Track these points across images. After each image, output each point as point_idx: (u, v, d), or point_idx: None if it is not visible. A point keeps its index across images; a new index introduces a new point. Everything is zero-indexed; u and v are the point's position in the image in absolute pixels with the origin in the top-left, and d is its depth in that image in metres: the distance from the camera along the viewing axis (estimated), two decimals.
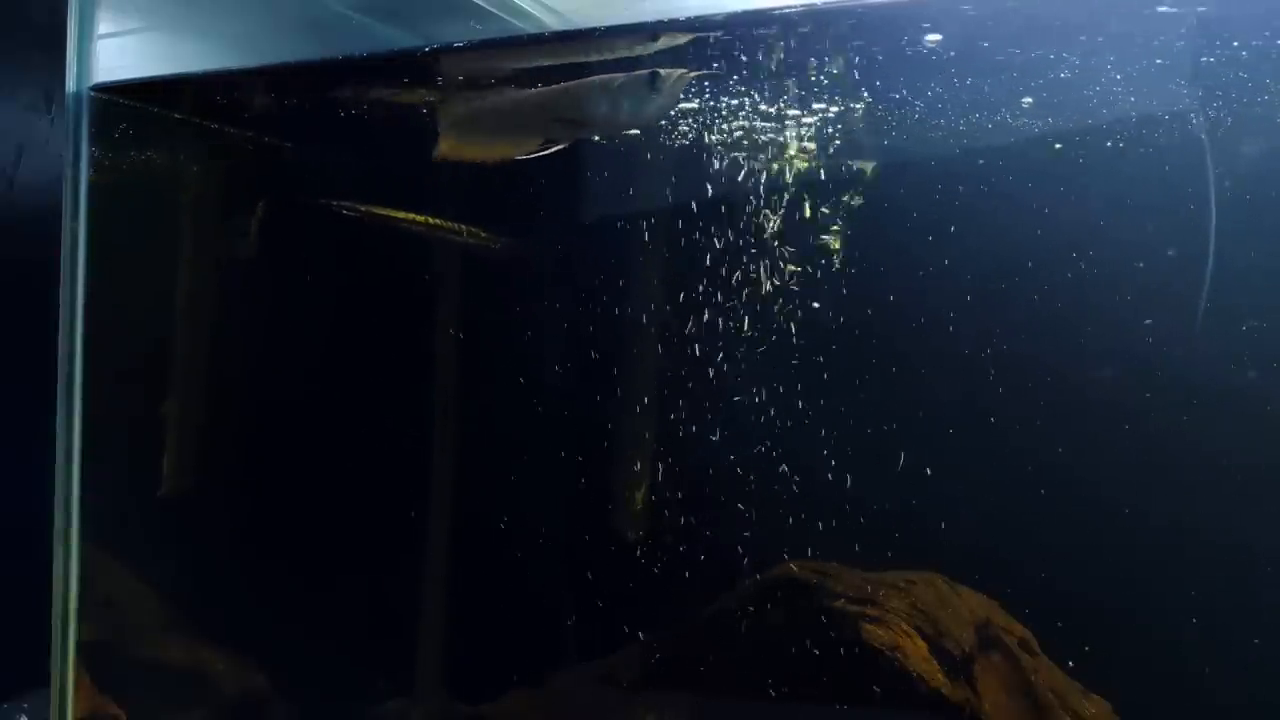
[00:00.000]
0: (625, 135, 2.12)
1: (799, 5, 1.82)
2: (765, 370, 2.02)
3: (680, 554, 2.11)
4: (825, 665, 1.99)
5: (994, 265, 1.88)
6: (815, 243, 2.00)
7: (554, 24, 2.36)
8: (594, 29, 2.05)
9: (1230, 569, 1.75)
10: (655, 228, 2.17)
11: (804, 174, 2.01)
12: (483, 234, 2.42)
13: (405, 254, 2.45)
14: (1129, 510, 1.80)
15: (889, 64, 1.89)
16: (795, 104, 1.98)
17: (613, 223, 2.23)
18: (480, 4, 2.32)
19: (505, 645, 2.30)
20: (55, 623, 2.37)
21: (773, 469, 2.00)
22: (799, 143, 1.99)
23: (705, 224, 2.06)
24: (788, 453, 2.00)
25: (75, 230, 2.36)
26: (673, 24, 1.87)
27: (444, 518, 2.39)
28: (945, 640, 1.97)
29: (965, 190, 1.90)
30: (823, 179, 2.00)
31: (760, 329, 2.03)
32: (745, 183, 2.03)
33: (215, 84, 2.45)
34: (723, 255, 2.05)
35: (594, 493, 2.24)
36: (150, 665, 2.57)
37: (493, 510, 2.31)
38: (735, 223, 2.05)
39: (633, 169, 2.17)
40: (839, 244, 1.99)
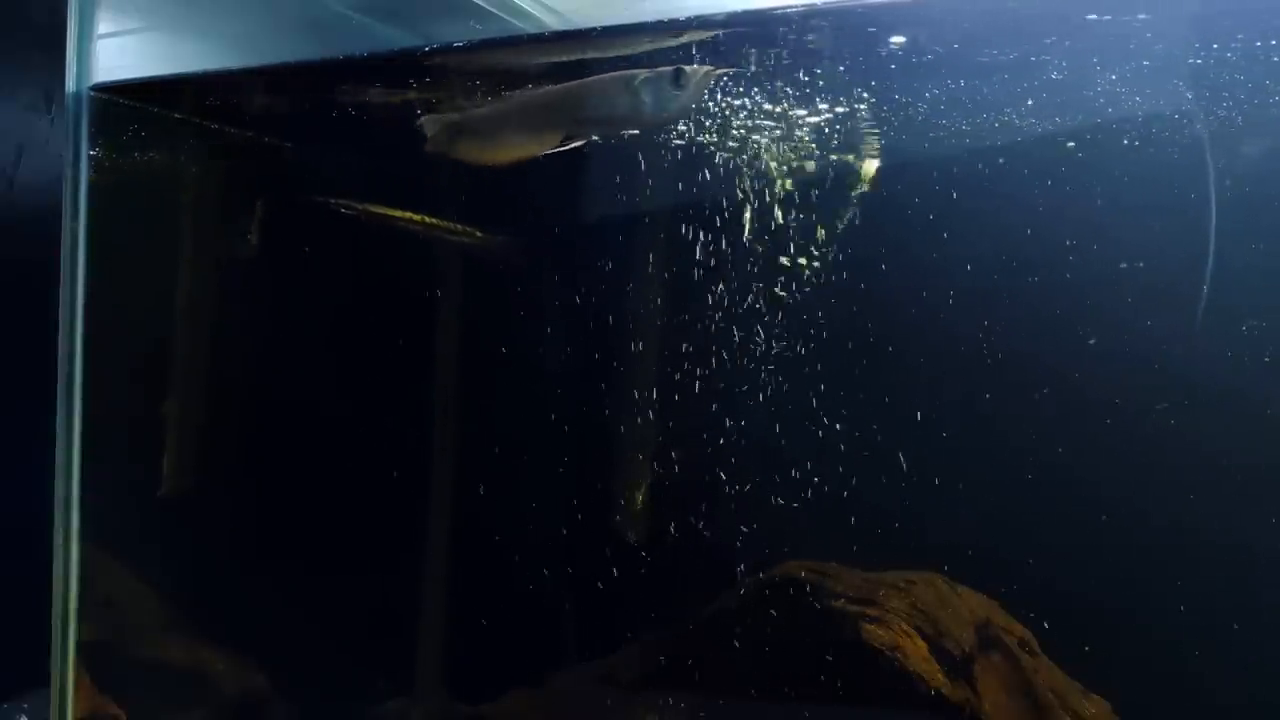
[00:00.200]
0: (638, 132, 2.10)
1: (799, 5, 1.82)
2: (765, 370, 2.02)
3: (680, 554, 2.11)
4: (825, 665, 1.99)
5: (998, 264, 1.88)
6: (819, 241, 2.00)
7: (554, 24, 2.36)
8: (593, 29, 2.05)
9: (1230, 569, 1.75)
10: (658, 227, 2.17)
11: (823, 172, 2.01)
12: (483, 234, 2.42)
13: (405, 254, 2.45)
14: (1129, 510, 1.80)
15: (907, 61, 1.88)
16: (824, 101, 1.96)
17: (613, 222, 2.23)
18: (480, 4, 2.32)
19: (505, 645, 2.30)
20: (55, 623, 2.37)
21: (773, 469, 2.00)
22: (831, 139, 1.98)
23: (706, 224, 2.06)
24: (788, 453, 2.00)
25: (75, 230, 2.36)
26: (673, 24, 1.87)
27: (444, 517, 2.38)
28: (945, 640, 1.97)
29: (975, 190, 1.90)
30: (840, 177, 2.00)
31: (761, 329, 2.02)
32: (764, 182, 2.03)
33: (215, 84, 2.45)
34: (724, 258, 2.05)
35: (594, 493, 2.24)
36: (150, 665, 2.57)
37: (492, 510, 2.31)
38: (737, 223, 2.05)
39: (637, 166, 2.17)
40: (843, 243, 1.99)
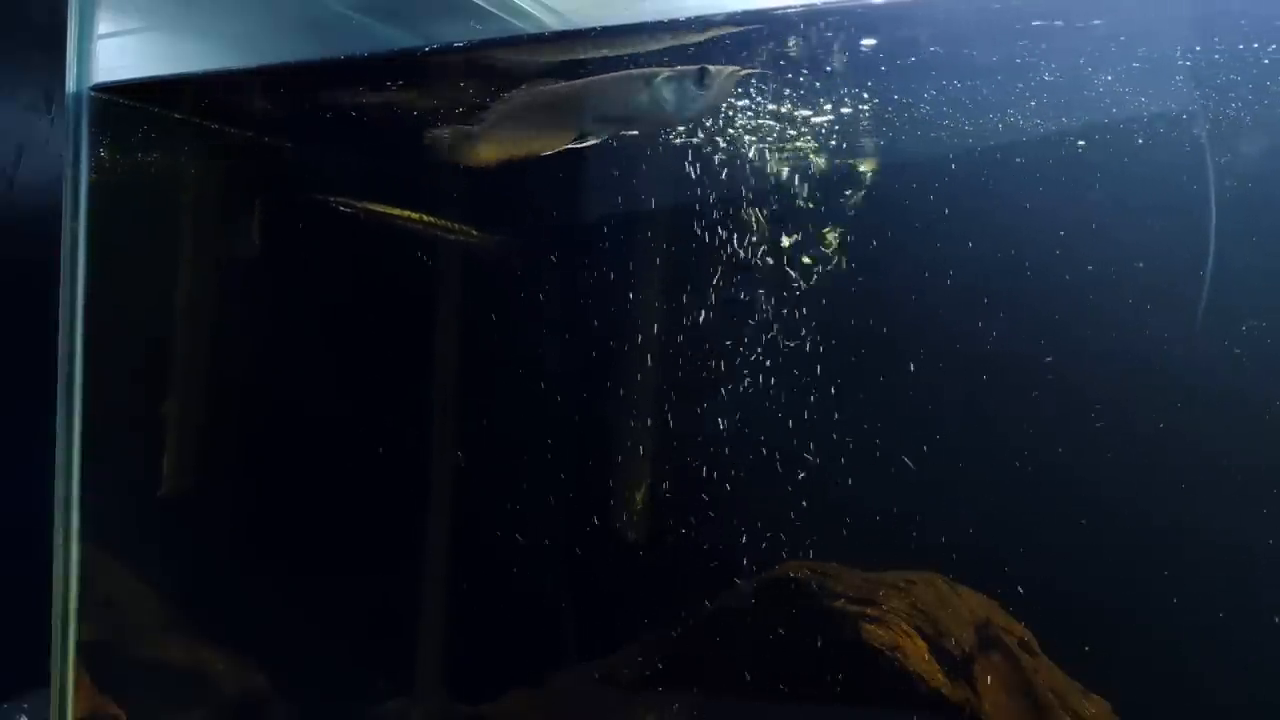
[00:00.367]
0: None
1: (799, 4, 1.82)
2: (766, 370, 2.02)
3: (680, 554, 2.11)
4: (825, 665, 1.99)
5: (1001, 264, 1.88)
6: (820, 240, 2.00)
7: (554, 24, 2.36)
8: (593, 29, 2.05)
9: (1230, 569, 1.75)
10: (659, 227, 2.17)
11: (824, 173, 2.01)
12: (483, 234, 2.42)
13: (405, 254, 2.45)
14: (1129, 510, 1.80)
15: (909, 60, 1.88)
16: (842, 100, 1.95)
17: (613, 221, 2.23)
18: (480, 4, 2.32)
19: (505, 645, 2.30)
20: (55, 623, 2.37)
21: (774, 469, 2.00)
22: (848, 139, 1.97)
23: (706, 224, 2.06)
24: (789, 452, 2.00)
25: (75, 230, 2.36)
26: (673, 24, 1.87)
27: (444, 517, 2.38)
28: (945, 640, 1.97)
29: (972, 189, 1.90)
30: (841, 178, 2.00)
31: (762, 328, 2.03)
32: (780, 180, 2.03)
33: (215, 84, 2.45)
34: (723, 258, 2.05)
35: (594, 493, 2.24)
36: (150, 665, 2.57)
37: (492, 510, 2.31)
38: (738, 224, 2.05)
39: (634, 164, 2.17)
40: (847, 244, 1.99)
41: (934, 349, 1.92)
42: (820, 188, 2.01)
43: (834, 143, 2.01)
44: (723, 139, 2.05)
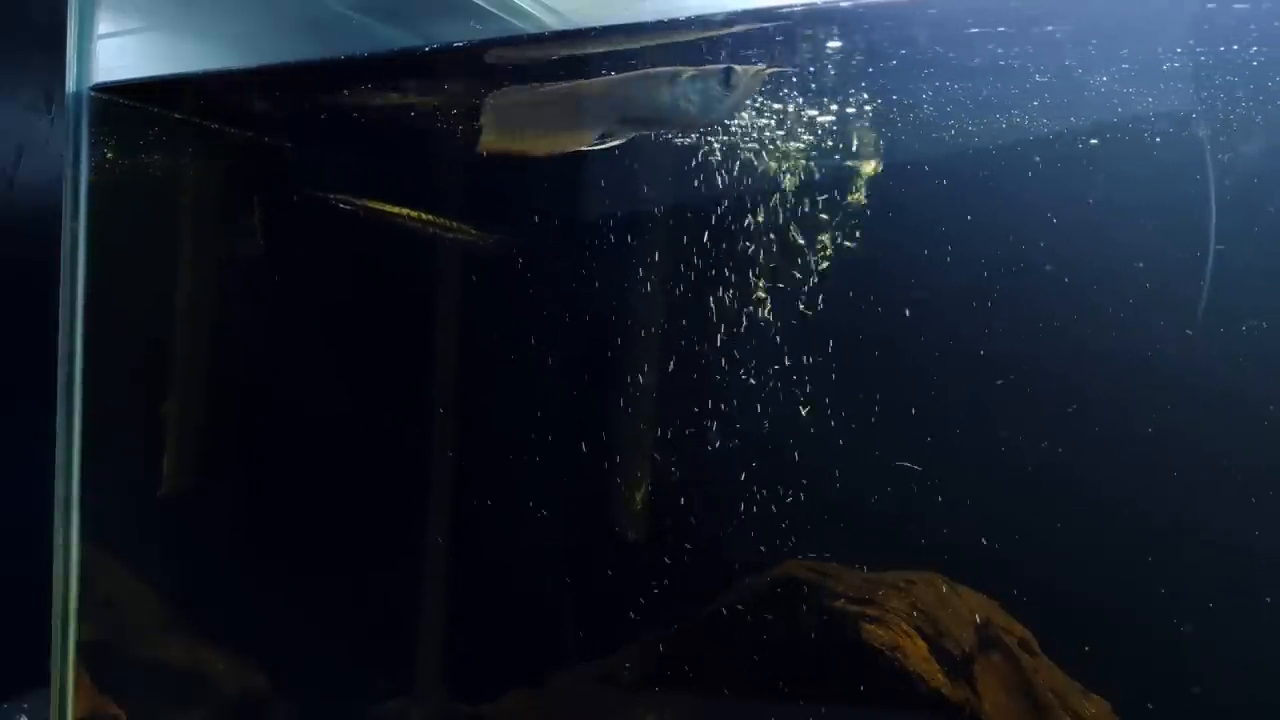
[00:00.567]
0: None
1: (800, 4, 1.81)
2: (766, 370, 2.02)
3: (680, 554, 2.11)
4: (825, 665, 1.99)
5: (1003, 264, 1.88)
6: (820, 242, 2.00)
7: (554, 24, 2.36)
8: (593, 29, 2.05)
9: (1230, 569, 1.75)
10: (658, 227, 2.17)
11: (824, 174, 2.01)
12: (483, 233, 2.42)
13: (405, 254, 2.45)
14: (1129, 510, 1.80)
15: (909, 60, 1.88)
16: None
17: (611, 221, 2.23)
18: (480, 4, 2.32)
19: (505, 645, 2.30)
20: (55, 623, 2.37)
21: (774, 469, 2.00)
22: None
23: (704, 224, 2.06)
24: (789, 452, 2.00)
25: (75, 230, 2.36)
26: (673, 24, 1.87)
27: (444, 517, 2.38)
28: (945, 640, 1.97)
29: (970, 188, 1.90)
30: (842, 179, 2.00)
31: (763, 328, 2.03)
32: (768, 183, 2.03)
33: (215, 84, 2.45)
34: (724, 257, 2.05)
35: (594, 492, 2.24)
36: (150, 665, 2.57)
37: (493, 510, 2.31)
38: (740, 225, 2.05)
39: (634, 163, 2.17)
40: (850, 243, 1.99)
41: (934, 349, 1.92)
42: (823, 189, 2.01)
43: (839, 143, 2.01)
44: (731, 138, 2.05)
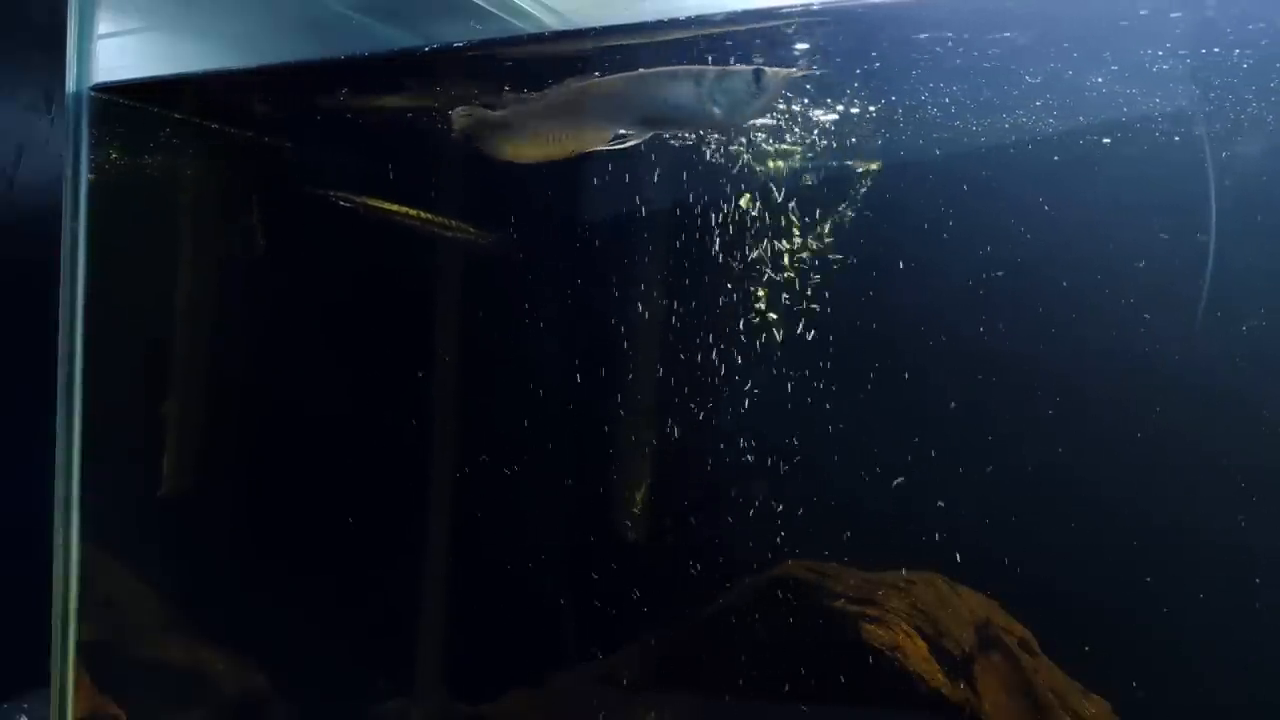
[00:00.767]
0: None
1: (800, 4, 1.81)
2: (766, 369, 2.02)
3: (681, 554, 2.11)
4: (825, 665, 1.99)
5: (1004, 264, 1.88)
6: (821, 242, 2.00)
7: (554, 24, 2.36)
8: (593, 29, 2.04)
9: (1230, 569, 1.75)
10: (659, 227, 2.17)
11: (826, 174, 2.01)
12: (483, 234, 2.42)
13: (405, 254, 2.45)
14: (1129, 510, 1.80)
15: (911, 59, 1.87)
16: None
17: (612, 221, 2.23)
18: (480, 4, 2.32)
19: (505, 645, 2.30)
20: (55, 623, 2.37)
21: (775, 469, 2.00)
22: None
23: (705, 224, 2.06)
24: (790, 452, 2.00)
25: (75, 230, 2.36)
26: (673, 24, 1.87)
27: (444, 517, 2.38)
28: (945, 640, 1.97)
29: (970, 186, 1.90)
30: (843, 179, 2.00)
31: (763, 327, 2.02)
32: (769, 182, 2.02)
33: (215, 84, 2.45)
34: (722, 257, 2.05)
35: (595, 493, 2.24)
36: (150, 665, 2.57)
37: (493, 510, 2.31)
38: (739, 224, 2.05)
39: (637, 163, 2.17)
40: (848, 243, 1.99)
41: (933, 349, 1.92)
42: (822, 189, 2.01)
43: (844, 142, 2.01)
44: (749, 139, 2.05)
